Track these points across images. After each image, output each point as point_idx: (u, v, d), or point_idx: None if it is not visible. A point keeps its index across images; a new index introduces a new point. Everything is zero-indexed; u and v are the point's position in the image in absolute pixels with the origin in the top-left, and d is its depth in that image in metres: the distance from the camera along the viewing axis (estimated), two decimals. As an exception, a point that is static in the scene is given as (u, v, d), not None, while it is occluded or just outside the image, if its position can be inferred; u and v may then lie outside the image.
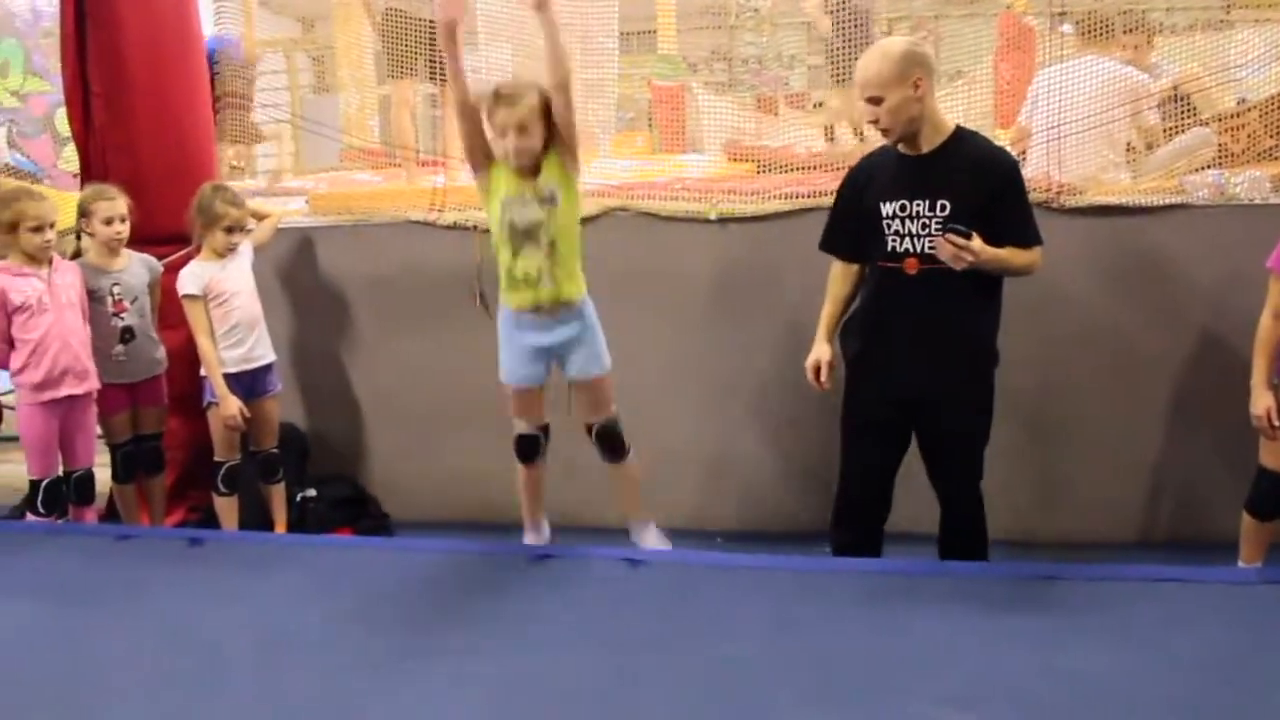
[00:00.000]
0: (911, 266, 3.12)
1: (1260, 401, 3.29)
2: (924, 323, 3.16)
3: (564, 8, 4.91)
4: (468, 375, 4.15)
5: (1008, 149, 3.20)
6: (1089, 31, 4.40)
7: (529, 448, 3.63)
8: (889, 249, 3.15)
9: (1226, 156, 4.07)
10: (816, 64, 6.87)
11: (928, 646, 2.85)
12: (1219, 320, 3.86)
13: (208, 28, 4.86)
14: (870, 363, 3.28)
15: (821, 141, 6.03)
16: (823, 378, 3.34)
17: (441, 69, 4.88)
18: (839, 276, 3.40)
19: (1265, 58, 4.45)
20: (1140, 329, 3.93)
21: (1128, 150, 4.37)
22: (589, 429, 3.61)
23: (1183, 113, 4.43)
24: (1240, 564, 3.46)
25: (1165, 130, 4.39)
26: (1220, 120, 4.20)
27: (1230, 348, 3.82)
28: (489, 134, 3.33)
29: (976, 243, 2.96)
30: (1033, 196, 3.80)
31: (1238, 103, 4.33)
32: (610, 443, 3.61)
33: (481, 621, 3.11)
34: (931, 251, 3.07)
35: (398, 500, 4.45)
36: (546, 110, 3.30)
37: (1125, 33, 4.51)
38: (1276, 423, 3.26)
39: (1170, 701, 2.55)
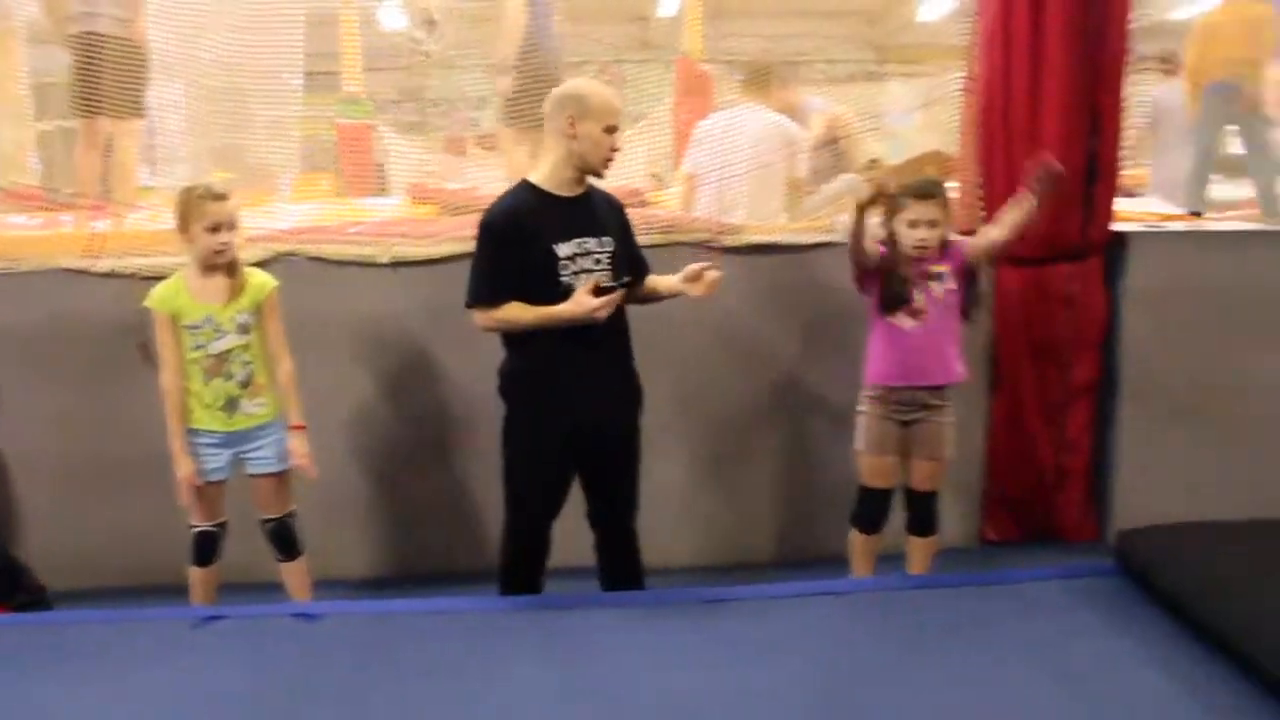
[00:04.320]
0: None
1: None
2: (598, 358, 3.25)
3: (247, 43, 4.75)
4: (127, 430, 3.91)
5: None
6: (748, 80, 4.68)
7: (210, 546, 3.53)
8: (569, 288, 3.15)
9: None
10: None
11: (595, 676, 2.97)
12: (864, 345, 4.13)
13: None
14: (544, 403, 3.29)
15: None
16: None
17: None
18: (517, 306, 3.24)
19: (912, 107, 4.88)
20: (798, 358, 4.17)
21: (791, 192, 4.67)
22: (264, 524, 3.55)
23: (836, 158, 4.81)
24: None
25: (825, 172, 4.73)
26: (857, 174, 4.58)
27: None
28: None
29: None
30: (695, 236, 4.03)
31: (870, 161, 4.69)
32: (286, 540, 3.56)
33: (149, 690, 2.99)
34: (608, 286, 3.17)
35: (55, 569, 4.11)
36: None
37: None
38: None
39: (807, 705, 2.81)
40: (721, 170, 4.32)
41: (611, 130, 3.15)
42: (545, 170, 3.23)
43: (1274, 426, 4.31)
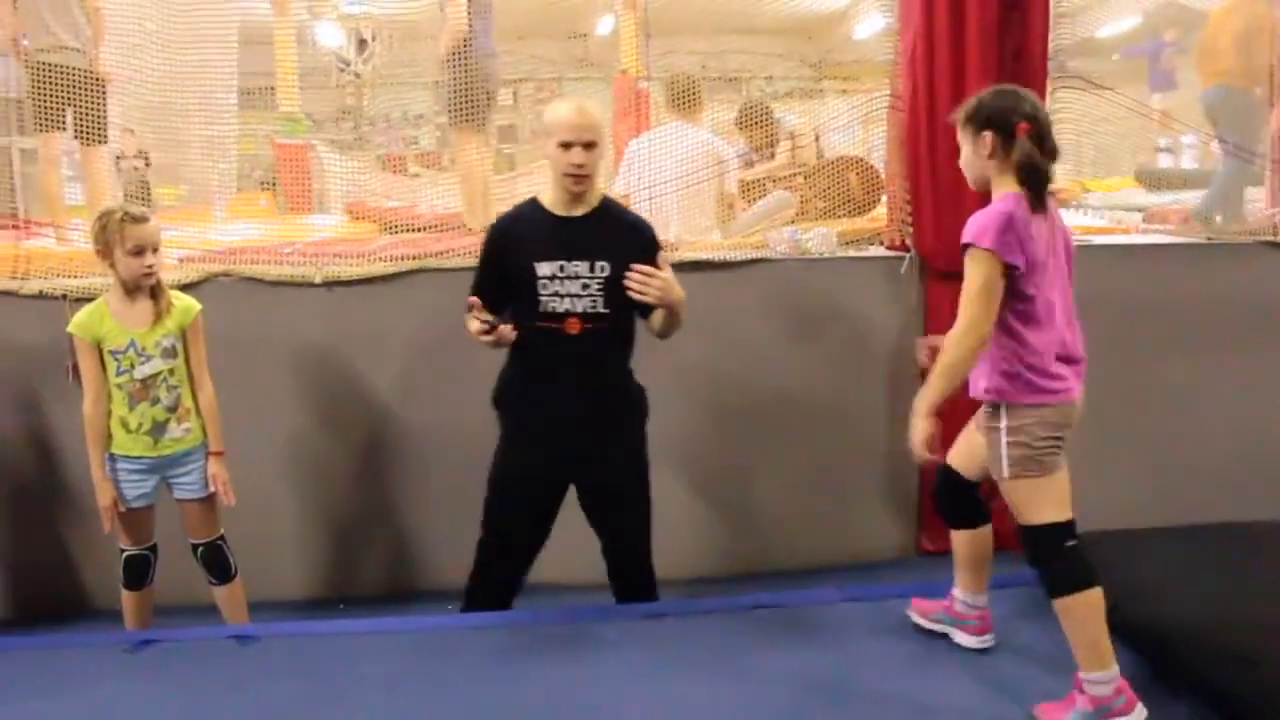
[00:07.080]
0: (573, 326, 3.08)
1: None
2: (587, 379, 3.17)
3: (182, 62, 4.73)
4: (57, 453, 3.88)
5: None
6: (676, 99, 4.73)
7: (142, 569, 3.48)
8: (546, 309, 3.09)
9: (800, 214, 4.49)
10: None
11: (550, 693, 2.96)
12: (799, 361, 4.19)
13: None
14: (533, 424, 3.24)
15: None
16: None
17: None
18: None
19: (850, 123, 4.95)
20: (732, 373, 4.19)
21: (729, 209, 4.72)
22: (195, 549, 3.51)
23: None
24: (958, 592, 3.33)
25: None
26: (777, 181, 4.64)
27: (809, 387, 4.16)
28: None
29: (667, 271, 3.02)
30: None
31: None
32: (218, 564, 3.52)
33: (82, 717, 2.94)
34: (592, 311, 3.09)
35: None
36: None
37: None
38: None
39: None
40: (651, 189, 4.35)
41: (565, 145, 3.02)
42: (548, 189, 3.19)
43: (1199, 436, 4.41)
